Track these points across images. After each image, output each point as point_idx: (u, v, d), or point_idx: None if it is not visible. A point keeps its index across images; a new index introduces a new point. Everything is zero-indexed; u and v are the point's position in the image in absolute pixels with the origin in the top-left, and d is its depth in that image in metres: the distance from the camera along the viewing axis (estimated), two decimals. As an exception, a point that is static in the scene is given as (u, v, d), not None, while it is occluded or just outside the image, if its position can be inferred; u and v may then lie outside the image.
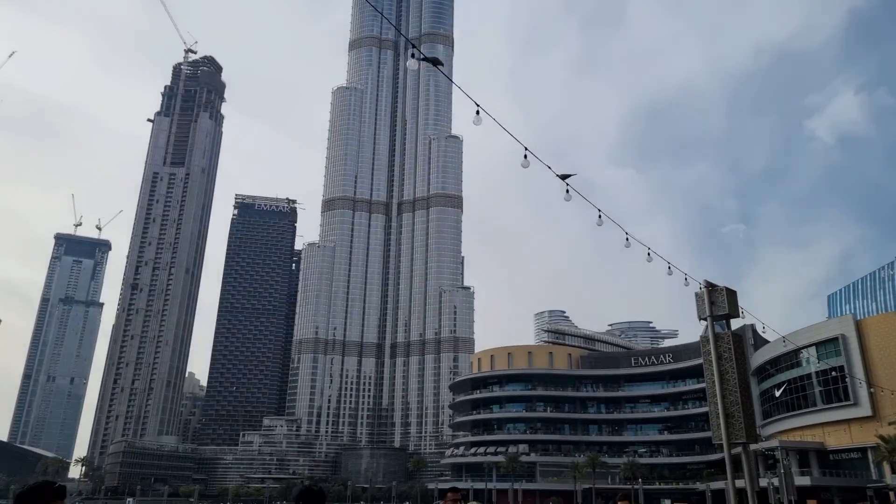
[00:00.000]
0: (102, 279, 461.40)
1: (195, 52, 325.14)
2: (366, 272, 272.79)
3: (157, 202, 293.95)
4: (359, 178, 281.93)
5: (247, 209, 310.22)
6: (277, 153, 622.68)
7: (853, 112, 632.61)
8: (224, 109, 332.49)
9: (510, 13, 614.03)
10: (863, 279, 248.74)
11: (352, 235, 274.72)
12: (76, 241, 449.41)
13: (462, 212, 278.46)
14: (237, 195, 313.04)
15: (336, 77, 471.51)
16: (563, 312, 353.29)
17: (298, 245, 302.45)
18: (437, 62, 10.74)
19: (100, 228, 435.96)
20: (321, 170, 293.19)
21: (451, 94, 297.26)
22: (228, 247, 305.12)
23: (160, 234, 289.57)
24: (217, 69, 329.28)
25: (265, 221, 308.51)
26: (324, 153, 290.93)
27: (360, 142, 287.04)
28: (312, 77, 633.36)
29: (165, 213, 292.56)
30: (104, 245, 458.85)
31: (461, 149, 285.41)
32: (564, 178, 9.81)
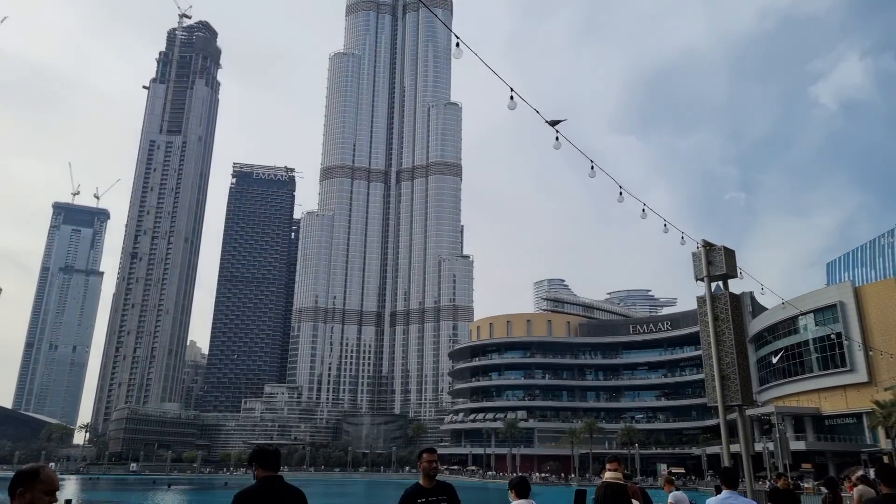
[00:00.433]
0: (102, 248, 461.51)
1: (189, 18, 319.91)
2: (365, 241, 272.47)
3: (155, 170, 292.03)
4: (357, 146, 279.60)
5: (245, 178, 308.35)
6: (275, 121, 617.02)
7: (858, 77, 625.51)
8: (220, 76, 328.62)
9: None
10: (862, 247, 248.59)
11: (350, 204, 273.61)
12: (74, 210, 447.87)
13: (461, 180, 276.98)
14: (235, 164, 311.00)
15: (333, 43, 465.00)
16: (563, 281, 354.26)
17: (297, 214, 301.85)
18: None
19: (98, 197, 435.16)
20: (319, 138, 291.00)
21: (450, 61, 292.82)
22: (227, 216, 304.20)
23: (158, 203, 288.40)
24: (212, 35, 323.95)
25: (263, 190, 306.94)
26: (322, 121, 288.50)
27: (359, 109, 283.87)
28: (309, 43, 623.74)
29: (163, 182, 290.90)
30: (103, 214, 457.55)
31: (460, 116, 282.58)
32: (554, 125, 9.27)
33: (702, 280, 12.80)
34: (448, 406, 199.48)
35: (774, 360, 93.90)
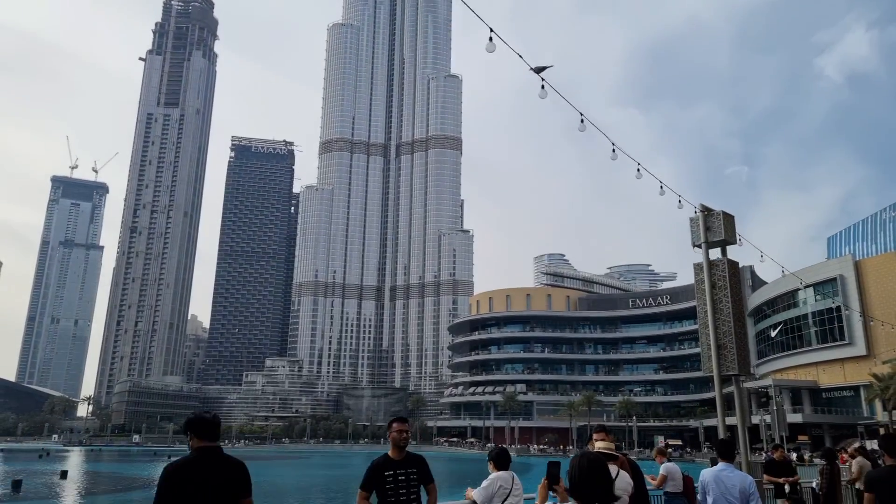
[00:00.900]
0: (101, 222, 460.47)
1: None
2: (364, 215, 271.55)
3: (153, 144, 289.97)
4: (356, 120, 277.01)
5: (244, 152, 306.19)
6: (273, 94, 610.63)
7: (864, 49, 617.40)
8: (217, 48, 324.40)
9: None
10: (864, 221, 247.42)
11: (350, 178, 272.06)
12: (73, 184, 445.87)
13: (461, 154, 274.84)
14: (233, 137, 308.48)
15: (332, 13, 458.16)
16: (563, 256, 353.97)
17: (297, 188, 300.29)
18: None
19: (96, 171, 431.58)
20: (318, 111, 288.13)
21: (450, 32, 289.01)
22: (226, 190, 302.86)
23: (157, 177, 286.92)
24: (209, 5, 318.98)
25: (262, 164, 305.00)
26: (321, 94, 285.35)
27: (358, 82, 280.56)
28: (307, 13, 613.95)
29: (161, 156, 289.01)
30: (101, 188, 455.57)
31: (460, 89, 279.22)
32: (539, 71, 8.70)
33: (699, 246, 12.32)
34: (448, 379, 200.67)
35: (773, 334, 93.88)
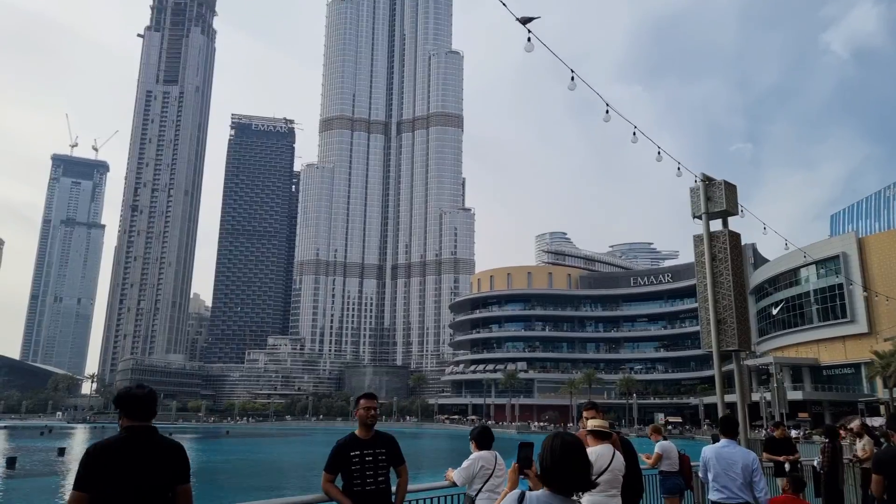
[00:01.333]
0: (102, 201, 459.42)
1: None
2: (365, 193, 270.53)
3: (153, 122, 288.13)
4: (357, 97, 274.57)
5: (244, 130, 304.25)
6: (273, 72, 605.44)
7: (871, 24, 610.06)
8: (216, 24, 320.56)
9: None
10: (867, 198, 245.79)
11: (351, 156, 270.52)
12: (74, 162, 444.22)
13: (462, 132, 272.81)
14: (234, 115, 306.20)
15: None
16: (565, 234, 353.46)
17: (297, 166, 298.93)
18: None
19: (96, 149, 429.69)
20: (318, 88, 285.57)
21: (451, 8, 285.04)
22: (227, 168, 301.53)
23: (157, 155, 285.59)
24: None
25: (263, 142, 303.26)
26: (321, 71, 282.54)
27: (358, 59, 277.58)
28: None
29: (161, 134, 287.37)
30: (102, 166, 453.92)
31: (461, 66, 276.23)
32: (525, 23, 8.19)
33: (699, 217, 11.85)
34: (449, 357, 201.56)
35: (775, 312, 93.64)
